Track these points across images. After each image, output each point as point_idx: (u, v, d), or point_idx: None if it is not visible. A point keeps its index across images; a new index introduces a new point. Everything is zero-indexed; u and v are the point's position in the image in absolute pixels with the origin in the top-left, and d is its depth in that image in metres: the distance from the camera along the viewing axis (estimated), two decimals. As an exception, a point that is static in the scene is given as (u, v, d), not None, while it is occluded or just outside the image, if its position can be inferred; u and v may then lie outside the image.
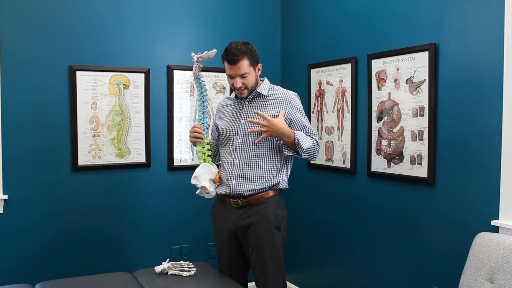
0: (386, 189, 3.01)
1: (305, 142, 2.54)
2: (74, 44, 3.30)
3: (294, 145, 2.56)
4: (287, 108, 2.62)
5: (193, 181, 2.60)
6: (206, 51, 2.59)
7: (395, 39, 2.91)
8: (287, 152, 2.60)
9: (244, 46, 2.57)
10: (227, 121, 2.74)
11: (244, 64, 2.56)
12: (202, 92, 2.66)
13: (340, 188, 3.40)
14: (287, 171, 2.72)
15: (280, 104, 2.63)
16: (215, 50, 2.59)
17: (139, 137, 3.53)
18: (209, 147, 2.69)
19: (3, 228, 3.16)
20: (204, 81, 2.68)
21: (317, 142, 2.63)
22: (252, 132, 2.58)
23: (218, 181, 2.63)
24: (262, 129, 2.51)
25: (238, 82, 2.59)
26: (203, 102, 2.66)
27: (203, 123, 2.66)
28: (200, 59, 2.59)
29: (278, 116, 2.58)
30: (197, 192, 2.67)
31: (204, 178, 2.59)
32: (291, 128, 2.60)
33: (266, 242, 2.59)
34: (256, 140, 2.57)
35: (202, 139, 2.64)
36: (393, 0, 2.94)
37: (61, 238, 3.32)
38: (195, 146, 2.69)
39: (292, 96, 2.66)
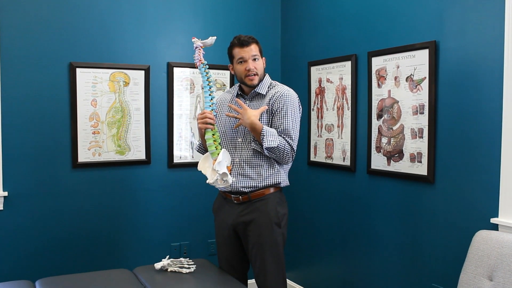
0: (386, 186, 3.01)
1: (270, 140, 2.48)
2: (74, 41, 3.30)
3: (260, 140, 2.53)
4: (276, 102, 2.60)
5: (217, 167, 2.42)
6: (210, 37, 2.56)
7: (395, 36, 2.91)
8: (252, 145, 2.59)
9: (252, 36, 2.69)
10: (226, 119, 2.73)
11: (255, 47, 2.65)
12: (208, 78, 2.56)
13: (340, 185, 3.40)
14: (286, 169, 2.72)
15: (273, 99, 2.62)
16: (215, 36, 2.57)
17: (139, 134, 3.53)
18: (219, 134, 2.59)
19: (3, 225, 3.16)
20: (208, 67, 2.58)
21: (290, 146, 2.55)
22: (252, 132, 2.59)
23: (230, 170, 2.52)
24: (237, 116, 2.57)
25: (251, 64, 2.62)
26: (210, 88, 2.56)
27: (212, 109, 2.55)
28: (203, 45, 2.56)
29: (262, 113, 2.60)
30: (211, 181, 2.47)
31: (224, 164, 2.46)
32: (272, 122, 2.60)
33: (266, 238, 2.59)
34: (234, 126, 2.62)
35: (213, 125, 2.53)
36: (393, -2, 2.94)
37: (61, 234, 3.33)
38: (204, 133, 2.53)
39: (286, 92, 2.63)
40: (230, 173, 2.49)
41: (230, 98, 2.78)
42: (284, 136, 2.56)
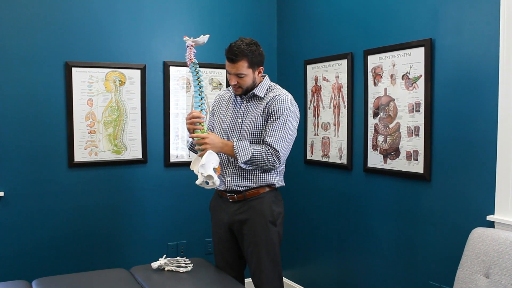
0: (382, 184, 3.01)
1: (243, 155, 2.48)
2: (70, 40, 3.29)
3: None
4: (272, 105, 2.56)
5: (200, 170, 2.41)
6: (202, 35, 2.48)
7: (391, 34, 2.91)
8: (232, 159, 2.59)
9: (247, 46, 2.53)
10: (223, 119, 2.73)
11: (242, 65, 2.54)
12: (198, 78, 2.52)
13: (336, 184, 3.40)
14: (281, 170, 2.71)
15: (270, 102, 2.58)
16: (208, 35, 2.50)
17: (136, 134, 3.52)
18: (207, 130, 2.54)
19: (-1, 225, 3.16)
20: (199, 66, 2.54)
21: (272, 150, 2.50)
22: (247, 130, 2.60)
23: (219, 171, 2.51)
24: (201, 147, 2.47)
25: (233, 80, 2.59)
26: (200, 87, 2.53)
27: (201, 109, 2.51)
28: (194, 43, 2.49)
29: (258, 115, 2.58)
30: (198, 182, 2.45)
31: (209, 166, 2.43)
32: (266, 125, 2.58)
33: (261, 237, 2.59)
34: (198, 154, 2.52)
35: (201, 124, 2.49)
36: (389, -4, 2.94)
37: (57, 234, 3.32)
38: (193, 133, 2.51)
39: (283, 97, 2.59)
40: (218, 174, 2.47)
41: (229, 97, 2.78)
42: (267, 139, 2.52)
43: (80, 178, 3.37)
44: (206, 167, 2.42)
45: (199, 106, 2.52)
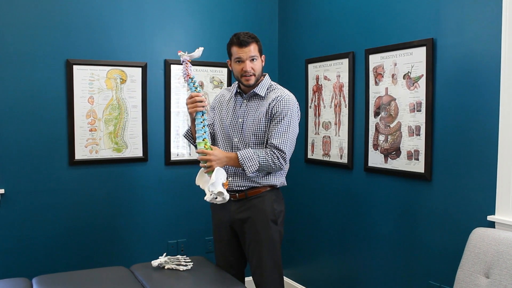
0: (383, 184, 3.01)
1: (250, 166, 2.49)
2: (71, 38, 3.29)
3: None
4: (275, 106, 2.56)
5: (211, 188, 2.38)
6: (197, 49, 2.45)
7: (392, 34, 2.91)
8: (239, 170, 2.59)
9: (252, 34, 2.62)
10: (224, 119, 2.72)
11: (254, 48, 2.58)
12: (198, 93, 2.47)
13: (337, 183, 3.40)
14: (285, 169, 2.71)
15: (273, 103, 2.58)
16: (202, 47, 2.48)
17: (136, 132, 3.52)
18: (210, 144, 2.52)
19: (0, 222, 3.15)
20: (197, 81, 2.53)
21: (278, 152, 2.52)
22: (249, 131, 2.60)
23: (227, 185, 2.48)
24: (206, 164, 2.46)
25: (248, 66, 2.56)
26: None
27: (203, 125, 2.47)
28: (190, 58, 2.44)
29: (261, 116, 2.58)
30: (208, 198, 2.43)
31: (218, 183, 2.41)
32: (269, 126, 2.58)
33: (262, 235, 2.59)
34: (205, 171, 2.50)
35: (205, 140, 2.47)
36: (391, -5, 2.94)
37: (57, 232, 3.32)
38: (195, 116, 2.47)
39: (286, 97, 2.59)
40: (226, 188, 2.44)
41: (229, 96, 2.77)
42: (273, 141, 2.53)
43: (80, 176, 3.37)
44: (216, 185, 2.39)
45: (201, 122, 2.47)
